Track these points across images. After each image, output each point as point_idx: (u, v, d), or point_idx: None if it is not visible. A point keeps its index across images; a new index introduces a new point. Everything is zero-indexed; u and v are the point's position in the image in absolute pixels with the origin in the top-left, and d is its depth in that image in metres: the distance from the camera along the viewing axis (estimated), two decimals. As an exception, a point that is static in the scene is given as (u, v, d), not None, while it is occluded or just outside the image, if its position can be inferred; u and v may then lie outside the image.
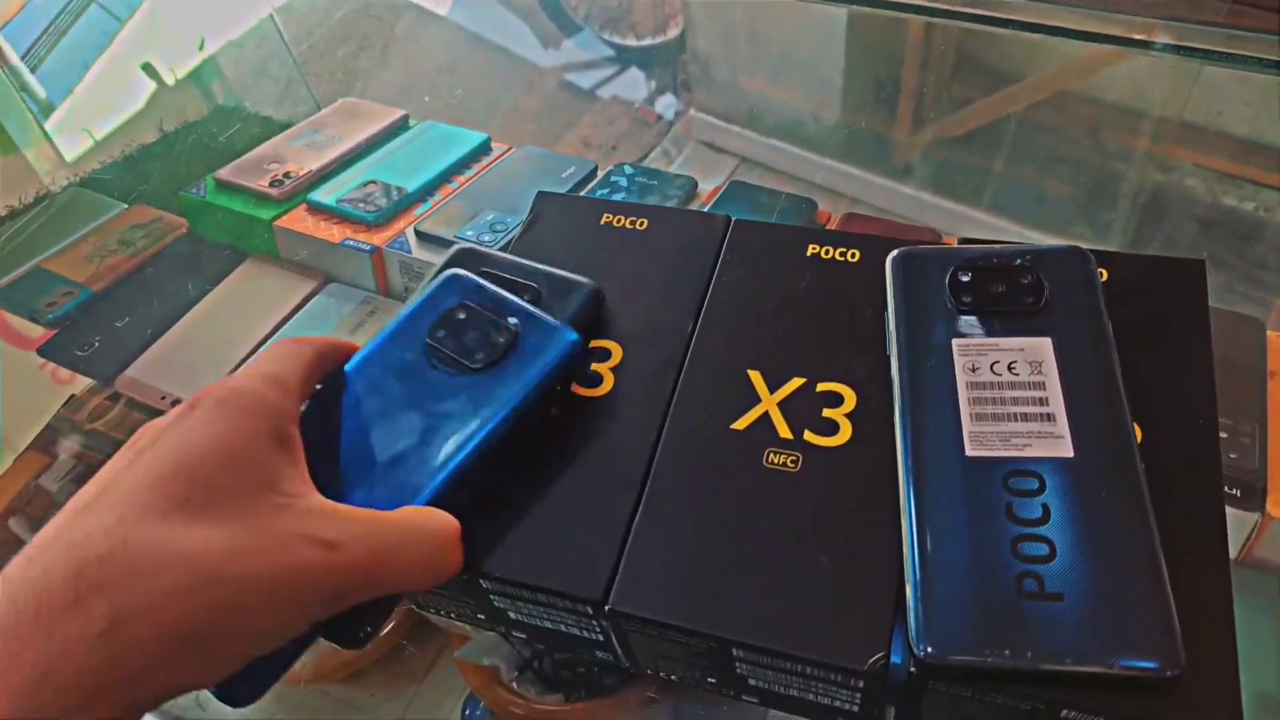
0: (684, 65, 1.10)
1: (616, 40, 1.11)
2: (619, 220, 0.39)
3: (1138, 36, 0.84)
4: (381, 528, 0.26)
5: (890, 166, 0.94)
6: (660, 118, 1.04)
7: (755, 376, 0.33)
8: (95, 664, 0.20)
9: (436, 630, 0.55)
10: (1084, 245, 0.32)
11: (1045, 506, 0.26)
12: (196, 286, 0.64)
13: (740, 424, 0.32)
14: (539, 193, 0.41)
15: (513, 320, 0.33)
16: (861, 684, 0.26)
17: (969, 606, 0.25)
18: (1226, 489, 0.31)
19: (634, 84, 1.09)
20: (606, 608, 0.28)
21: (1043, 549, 0.26)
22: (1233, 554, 0.35)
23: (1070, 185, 0.87)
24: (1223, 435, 0.38)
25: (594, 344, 0.35)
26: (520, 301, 0.34)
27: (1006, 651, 0.24)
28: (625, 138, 1.01)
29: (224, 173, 0.67)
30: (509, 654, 0.53)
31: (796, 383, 0.32)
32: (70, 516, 0.23)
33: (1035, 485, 0.27)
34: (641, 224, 0.39)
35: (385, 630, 0.56)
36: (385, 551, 0.26)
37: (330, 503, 0.26)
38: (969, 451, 0.28)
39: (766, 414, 0.32)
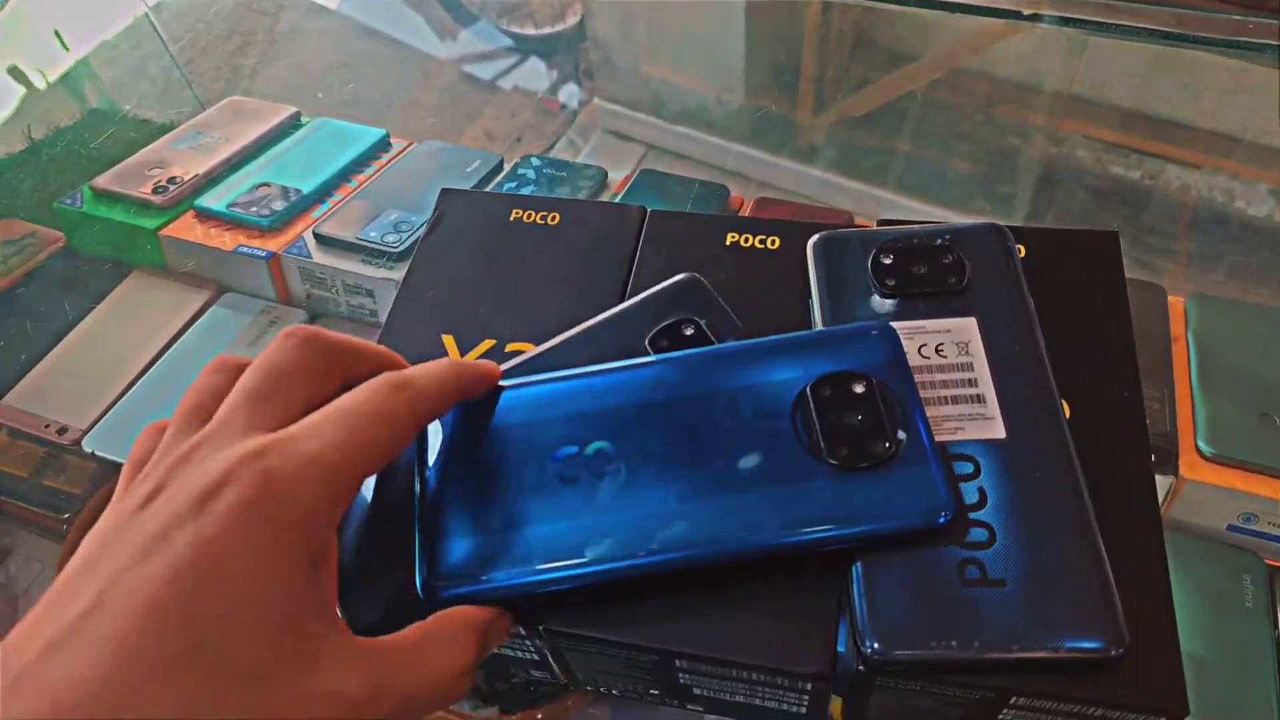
0: (585, 53, 1.09)
1: (515, 30, 1.09)
2: (529, 215, 0.38)
3: (1026, 11, 0.86)
4: (406, 666, 0.22)
5: (795, 149, 0.95)
6: (564, 107, 1.02)
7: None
8: None
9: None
10: (990, 221, 0.32)
11: (981, 490, 0.26)
12: (77, 304, 0.60)
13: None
14: (443, 190, 0.39)
15: (901, 435, 0.26)
16: (809, 687, 0.26)
17: (913, 599, 0.25)
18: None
19: (535, 74, 1.08)
20: (540, 627, 0.27)
21: (982, 534, 0.25)
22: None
23: (969, 161, 0.88)
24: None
25: (510, 346, 0.33)
26: (922, 414, 0.26)
27: (954, 643, 0.24)
28: (529, 129, 0.99)
29: (102, 180, 0.63)
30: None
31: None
32: (54, 642, 0.18)
33: (970, 469, 0.26)
34: (553, 218, 0.37)
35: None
36: (412, 694, 0.22)
37: (352, 640, 0.21)
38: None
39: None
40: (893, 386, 0.26)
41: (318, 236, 0.58)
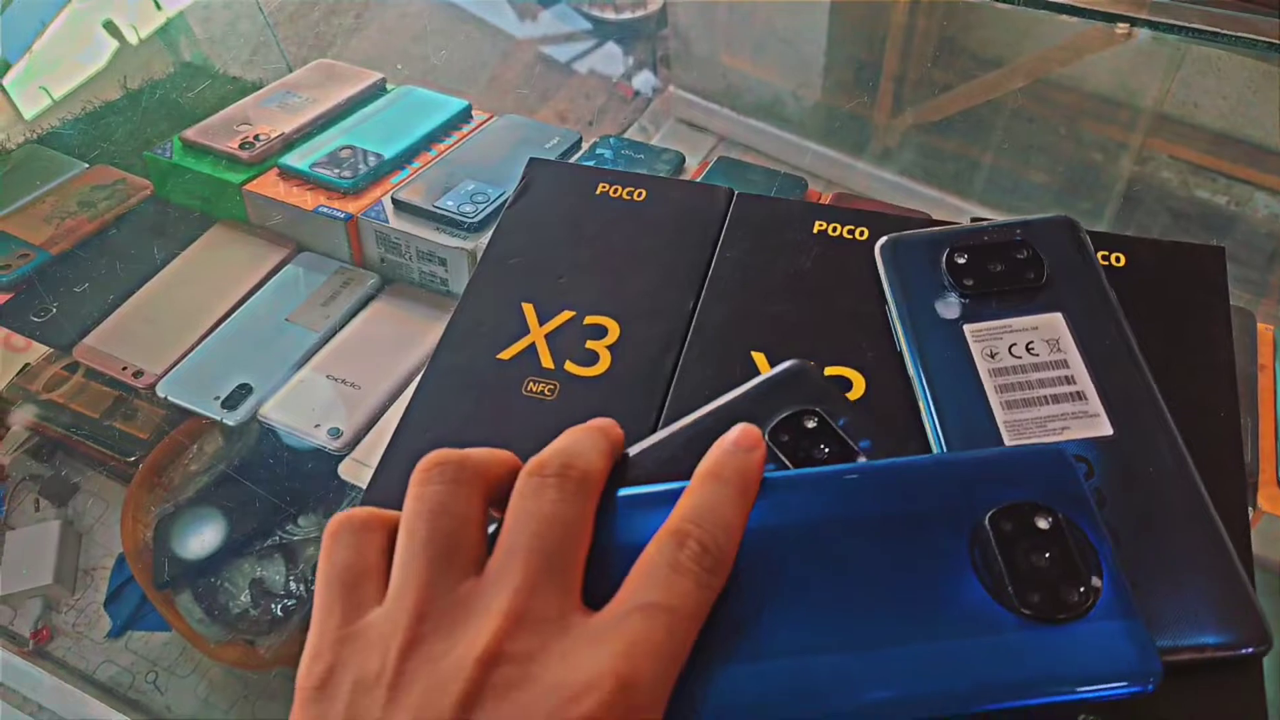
0: (663, 41, 1.09)
1: (595, 13, 1.09)
2: (615, 190, 0.37)
3: (1123, 12, 0.84)
4: None
5: (871, 150, 0.93)
6: (638, 94, 1.02)
7: (759, 358, 0.31)
8: None
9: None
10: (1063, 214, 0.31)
11: (1098, 491, 0.25)
12: (161, 251, 0.61)
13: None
14: (531, 159, 0.39)
15: (1096, 581, 0.22)
16: None
17: None
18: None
19: (612, 59, 1.07)
20: None
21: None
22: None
23: (1047, 174, 0.87)
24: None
25: (589, 320, 0.34)
26: (1113, 556, 0.22)
27: None
28: (602, 113, 0.99)
29: (191, 133, 0.64)
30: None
31: (804, 367, 0.31)
32: None
33: (1083, 470, 0.26)
34: (640, 194, 0.37)
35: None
36: None
37: None
38: (1008, 443, 0.27)
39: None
40: (1079, 523, 0.23)
41: (395, 202, 0.59)
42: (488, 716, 0.19)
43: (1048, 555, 0.22)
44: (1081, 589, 0.22)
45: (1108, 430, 0.26)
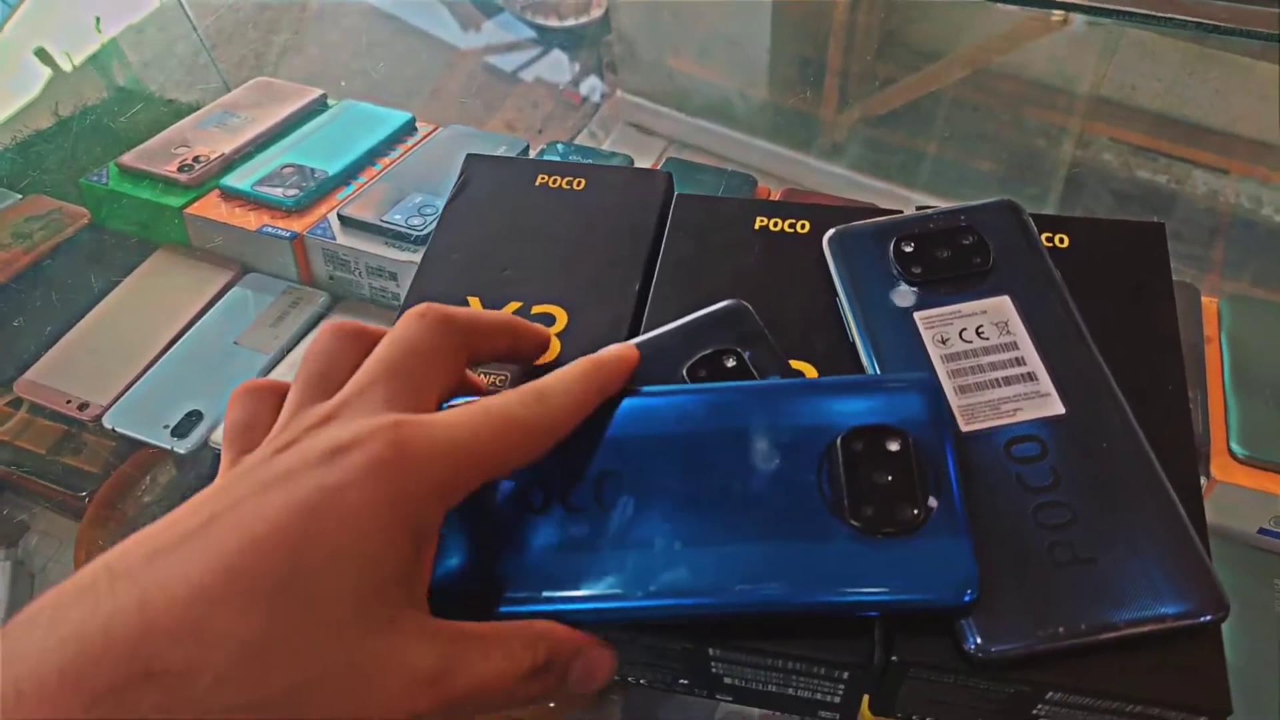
0: (609, 46, 1.09)
1: (539, 21, 1.09)
2: (554, 181, 0.37)
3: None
4: (481, 657, 0.21)
5: (819, 146, 0.94)
6: (586, 100, 1.02)
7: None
8: None
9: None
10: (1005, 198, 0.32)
11: (1054, 470, 0.25)
12: (101, 280, 0.60)
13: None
14: (468, 155, 0.39)
15: (933, 501, 0.24)
16: (846, 676, 0.25)
17: (1010, 591, 0.24)
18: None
19: (558, 66, 1.07)
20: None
21: (1064, 515, 0.25)
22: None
23: (992, 161, 0.88)
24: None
25: (536, 309, 0.33)
26: (957, 479, 0.24)
27: (1060, 629, 0.23)
28: (551, 121, 0.98)
29: (128, 158, 0.63)
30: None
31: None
32: (159, 550, 0.19)
33: (1038, 450, 0.26)
34: (579, 184, 0.37)
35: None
36: (480, 687, 0.21)
37: (432, 620, 0.21)
38: (964, 428, 0.27)
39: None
40: (929, 446, 0.24)
41: (342, 218, 0.58)
42: (265, 467, 0.21)
43: (889, 475, 0.24)
44: (914, 508, 0.23)
45: (1059, 409, 0.27)
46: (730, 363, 0.29)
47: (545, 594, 0.24)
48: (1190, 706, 0.23)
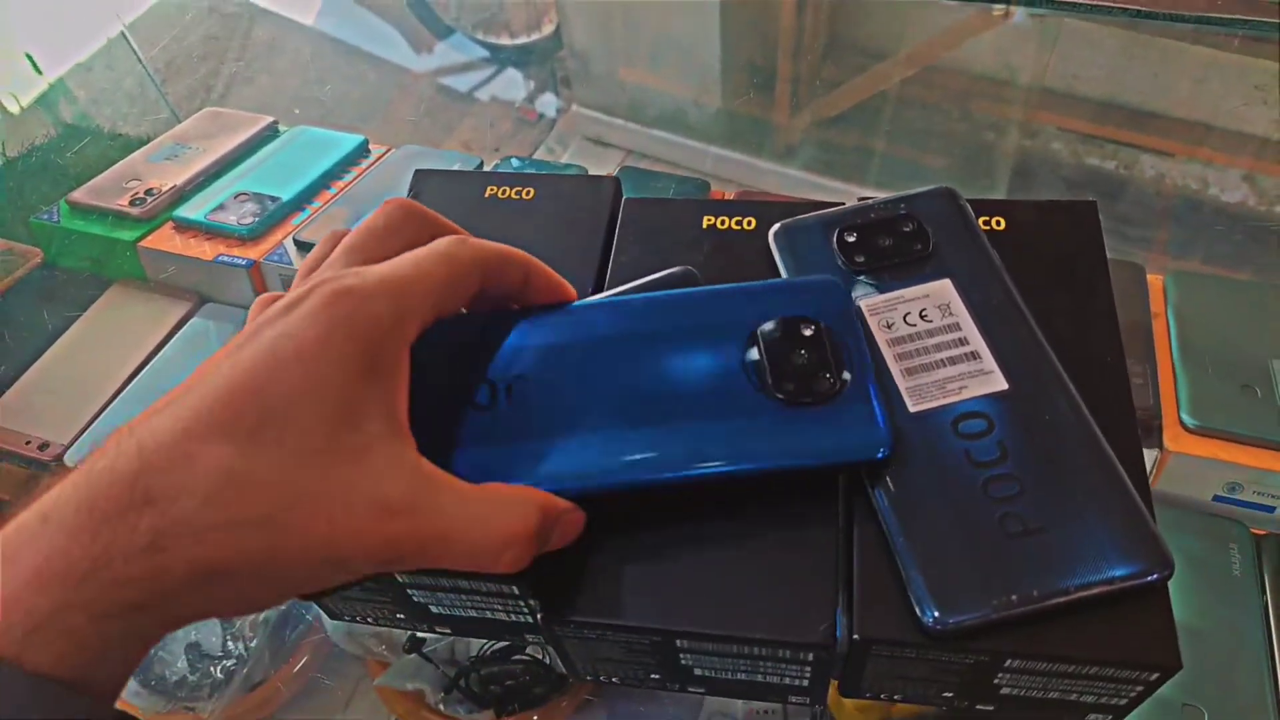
0: (562, 61, 1.09)
1: (491, 40, 1.09)
2: (504, 191, 0.37)
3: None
4: (457, 501, 0.23)
5: (774, 149, 0.95)
6: (542, 116, 1.03)
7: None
8: (133, 575, 0.20)
9: (353, 659, 0.52)
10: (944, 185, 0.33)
11: (1001, 444, 0.26)
12: (56, 319, 0.59)
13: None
14: (417, 170, 0.39)
15: (846, 375, 0.27)
16: (811, 657, 0.25)
17: (964, 563, 0.24)
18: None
19: (513, 84, 1.08)
20: (539, 617, 0.27)
21: (1013, 487, 0.25)
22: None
23: (944, 156, 0.89)
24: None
25: None
26: (868, 358, 0.27)
27: (1013, 597, 0.24)
28: (508, 139, 0.99)
29: (79, 195, 0.63)
30: (433, 676, 0.51)
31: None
32: (155, 409, 0.22)
33: (984, 425, 0.27)
34: (528, 193, 0.37)
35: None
36: (453, 531, 0.23)
37: (411, 454, 0.23)
38: (911, 409, 0.27)
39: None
40: (839, 332, 0.28)
41: (298, 243, 0.58)
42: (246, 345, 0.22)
43: (805, 354, 0.27)
44: (830, 379, 0.26)
45: (1003, 385, 0.27)
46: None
47: (517, 472, 0.26)
48: (1142, 664, 0.24)
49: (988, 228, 0.32)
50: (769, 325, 0.28)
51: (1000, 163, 0.90)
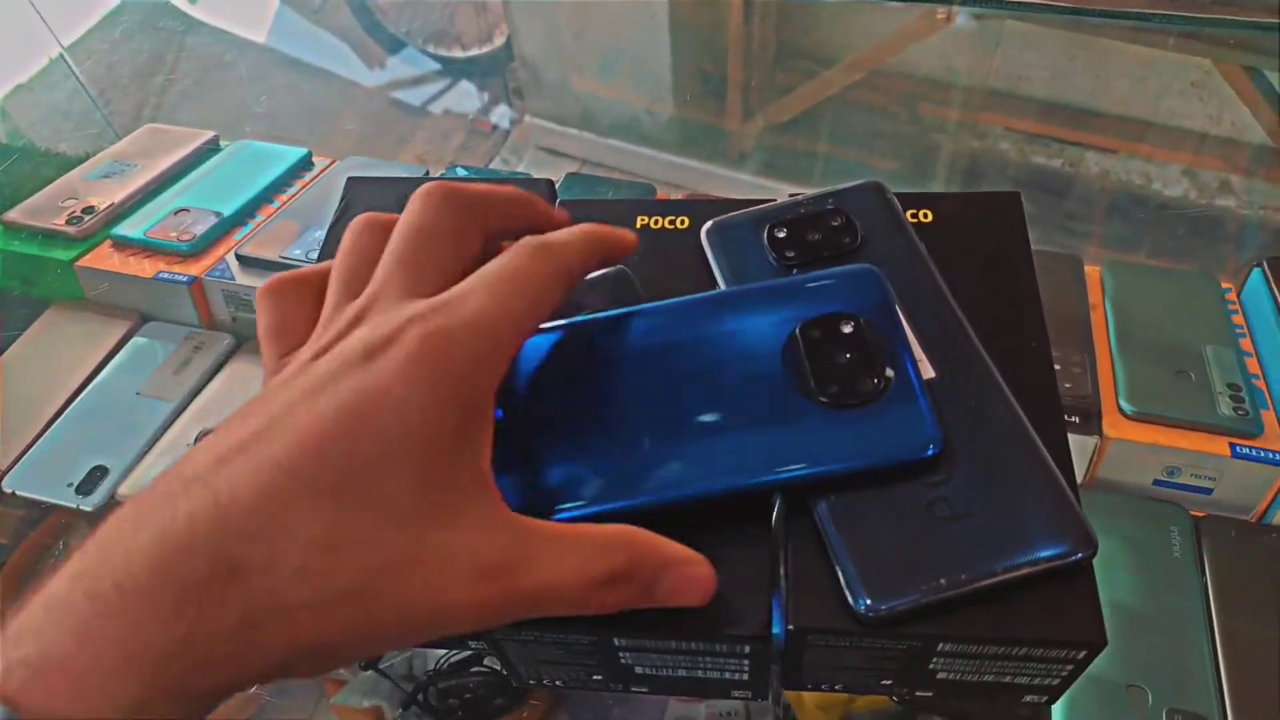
0: (514, 73, 1.09)
1: (442, 53, 1.09)
2: None
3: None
4: (551, 554, 0.22)
5: (726, 156, 0.96)
6: (496, 127, 1.02)
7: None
8: (220, 658, 0.18)
9: (309, 680, 0.52)
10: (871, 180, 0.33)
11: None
12: (-8, 342, 0.58)
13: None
14: (349, 179, 0.39)
15: (890, 372, 0.26)
16: (748, 649, 0.25)
17: (894, 550, 0.25)
18: (1065, 416, 0.32)
19: (466, 96, 1.07)
20: None
21: (941, 473, 0.26)
22: (1079, 478, 0.37)
23: (893, 159, 0.90)
24: (1056, 367, 0.40)
25: None
26: (910, 352, 0.27)
27: (943, 581, 0.24)
28: (463, 151, 0.98)
29: (13, 214, 0.61)
30: (390, 692, 0.50)
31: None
32: (224, 457, 0.20)
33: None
34: None
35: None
36: (545, 590, 0.21)
37: (501, 510, 0.22)
38: None
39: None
40: (880, 325, 0.27)
41: (240, 258, 0.57)
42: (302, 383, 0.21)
43: (847, 354, 0.26)
44: (874, 379, 0.26)
45: (930, 373, 0.27)
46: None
47: (584, 496, 0.25)
48: (1070, 642, 0.24)
49: (915, 220, 0.32)
50: (810, 327, 0.27)
51: (950, 163, 0.91)
